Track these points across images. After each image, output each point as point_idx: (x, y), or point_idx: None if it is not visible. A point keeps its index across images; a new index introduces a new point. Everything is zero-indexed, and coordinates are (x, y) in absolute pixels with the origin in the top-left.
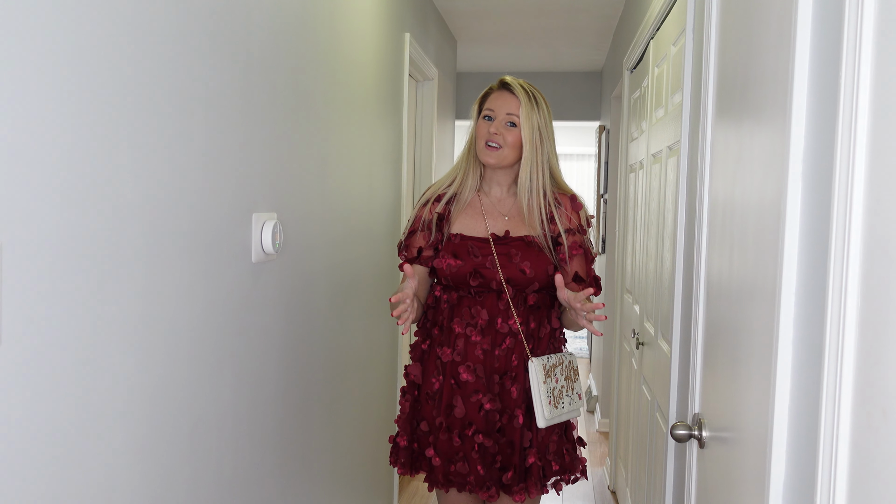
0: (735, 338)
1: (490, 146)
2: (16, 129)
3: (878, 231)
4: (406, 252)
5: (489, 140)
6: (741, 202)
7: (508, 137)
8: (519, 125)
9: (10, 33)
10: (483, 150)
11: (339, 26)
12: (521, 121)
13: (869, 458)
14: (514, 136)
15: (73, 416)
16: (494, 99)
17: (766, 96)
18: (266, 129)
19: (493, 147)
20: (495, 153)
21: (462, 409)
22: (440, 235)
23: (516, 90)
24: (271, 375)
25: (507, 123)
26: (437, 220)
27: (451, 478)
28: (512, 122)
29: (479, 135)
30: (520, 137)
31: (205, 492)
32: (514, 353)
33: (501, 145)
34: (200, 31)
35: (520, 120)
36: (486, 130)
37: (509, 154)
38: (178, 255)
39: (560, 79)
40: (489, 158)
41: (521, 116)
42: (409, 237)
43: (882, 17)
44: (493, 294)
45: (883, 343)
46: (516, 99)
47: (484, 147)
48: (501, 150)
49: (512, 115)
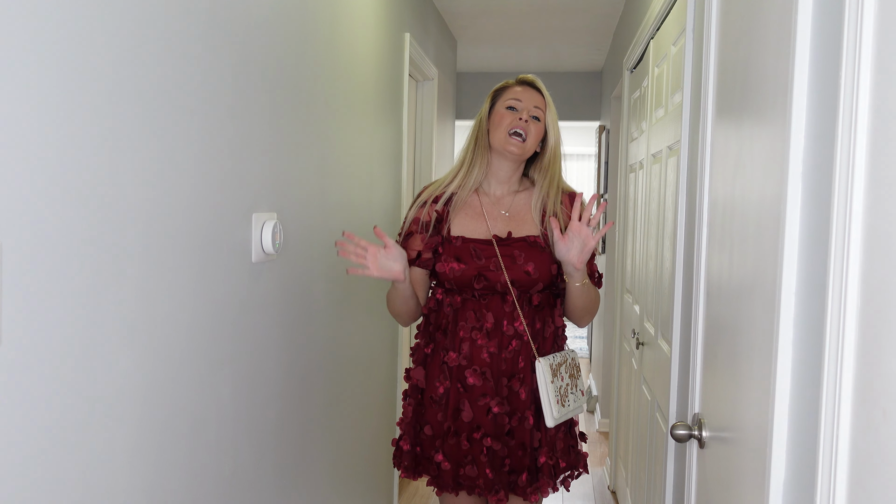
0: (735, 338)
1: (516, 135)
2: (15, 129)
3: (878, 231)
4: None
5: (517, 128)
6: (741, 202)
7: (532, 129)
8: (544, 120)
9: (9, 33)
10: (507, 139)
11: (339, 26)
12: (547, 120)
13: (869, 458)
14: (538, 130)
15: (72, 416)
16: (520, 92)
17: (766, 96)
18: (266, 129)
19: (518, 136)
20: (520, 144)
21: (470, 412)
22: (439, 238)
23: (542, 88)
24: (271, 375)
25: (532, 116)
26: (436, 221)
27: (461, 481)
28: (537, 116)
29: (501, 122)
30: (543, 132)
31: (204, 492)
32: (521, 355)
33: (527, 134)
34: (200, 31)
35: (546, 117)
36: (513, 119)
37: (532, 146)
38: (178, 255)
39: (560, 79)
40: (513, 147)
41: (547, 116)
42: (406, 240)
43: (882, 17)
44: (497, 296)
45: (883, 343)
46: (541, 97)
47: (507, 136)
48: (526, 142)
49: (538, 110)
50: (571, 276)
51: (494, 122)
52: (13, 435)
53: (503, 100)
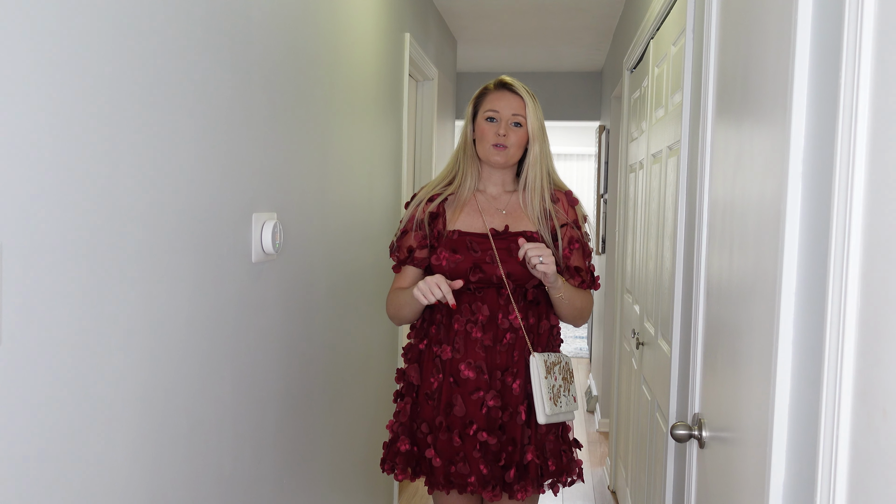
0: (735, 338)
1: (498, 147)
2: (16, 129)
3: (878, 231)
4: (398, 253)
5: (497, 142)
6: (741, 202)
7: (514, 137)
8: (525, 125)
9: (9, 34)
10: (491, 151)
11: (340, 26)
12: (527, 120)
13: (869, 458)
14: (520, 136)
15: (73, 416)
16: (496, 99)
17: (766, 96)
18: (266, 129)
19: (500, 147)
20: (504, 153)
21: (462, 407)
22: (434, 234)
23: (519, 90)
24: (271, 375)
25: (512, 124)
26: (430, 218)
27: (452, 479)
28: (517, 122)
29: (484, 136)
30: (525, 137)
31: (204, 492)
32: (516, 349)
33: (508, 146)
34: (200, 31)
35: (526, 120)
36: (494, 132)
37: (515, 153)
38: (178, 254)
39: (560, 79)
40: (498, 158)
41: (527, 116)
42: (401, 238)
43: (882, 17)
44: (492, 289)
45: (883, 343)
46: (520, 99)
47: (491, 148)
48: (508, 150)
49: (518, 116)
50: (549, 289)
51: (479, 134)
52: (13, 435)
53: (483, 109)
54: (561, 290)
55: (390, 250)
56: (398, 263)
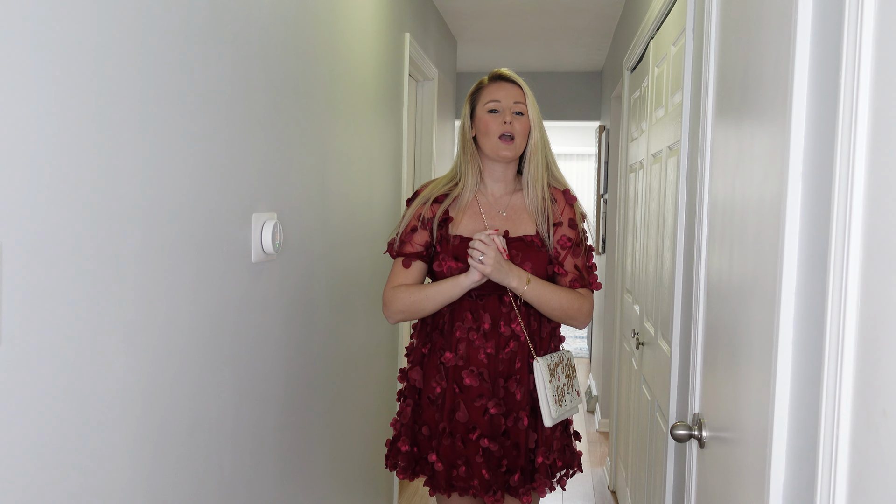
0: (735, 338)
1: (504, 139)
2: (16, 129)
3: (878, 231)
4: (408, 247)
5: (505, 132)
6: (741, 202)
7: (518, 126)
8: (526, 113)
9: (9, 34)
10: (499, 145)
11: (340, 26)
12: (528, 108)
13: (869, 458)
14: (524, 125)
15: (72, 416)
16: (496, 90)
17: (766, 96)
18: (266, 129)
19: (507, 140)
20: (511, 146)
21: (465, 413)
22: (438, 236)
23: (517, 79)
24: (271, 375)
25: (514, 113)
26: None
27: (454, 482)
28: (519, 111)
29: (488, 129)
30: (528, 126)
31: (205, 492)
32: (518, 357)
33: (515, 135)
34: (200, 31)
35: (527, 108)
36: (498, 122)
37: (521, 144)
38: (178, 255)
39: (560, 79)
40: (507, 152)
41: (527, 104)
42: (410, 233)
43: (882, 18)
44: (494, 297)
45: (883, 343)
46: (518, 88)
47: (498, 141)
48: (515, 141)
49: (519, 104)
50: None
51: (480, 129)
52: (13, 435)
53: (482, 103)
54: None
55: (390, 246)
56: (407, 258)
